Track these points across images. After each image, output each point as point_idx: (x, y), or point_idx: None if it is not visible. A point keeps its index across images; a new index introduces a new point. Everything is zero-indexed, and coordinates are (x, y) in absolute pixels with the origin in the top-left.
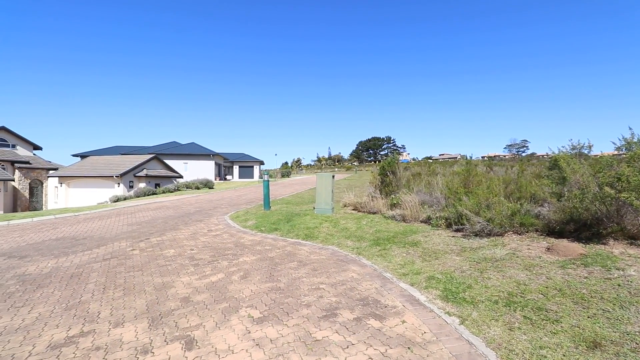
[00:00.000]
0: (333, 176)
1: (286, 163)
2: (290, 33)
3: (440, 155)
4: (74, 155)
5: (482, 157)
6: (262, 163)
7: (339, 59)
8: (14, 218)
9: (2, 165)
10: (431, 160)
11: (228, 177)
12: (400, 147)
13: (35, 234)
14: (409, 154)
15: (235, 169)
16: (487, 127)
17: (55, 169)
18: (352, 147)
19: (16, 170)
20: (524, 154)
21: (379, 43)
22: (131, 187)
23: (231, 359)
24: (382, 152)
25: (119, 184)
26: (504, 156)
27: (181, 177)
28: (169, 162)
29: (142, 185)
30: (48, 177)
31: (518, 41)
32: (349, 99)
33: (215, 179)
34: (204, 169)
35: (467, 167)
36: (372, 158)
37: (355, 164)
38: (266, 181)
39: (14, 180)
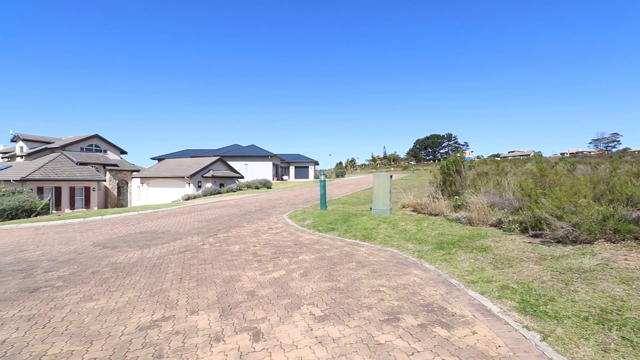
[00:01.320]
0: (391, 176)
1: (340, 163)
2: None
3: (509, 152)
4: (152, 159)
5: (562, 153)
6: (316, 163)
7: (394, 56)
8: (106, 213)
9: (96, 168)
10: (499, 158)
11: (284, 177)
12: (462, 145)
13: (123, 227)
14: (472, 151)
15: (291, 169)
16: (567, 121)
17: (138, 171)
18: (409, 145)
19: (107, 172)
20: (614, 150)
21: (439, 37)
22: (199, 186)
23: (295, 354)
24: (441, 150)
25: (189, 183)
26: (589, 152)
27: (242, 177)
28: (231, 163)
29: (208, 185)
30: (132, 178)
31: (608, 25)
32: (405, 96)
33: (273, 179)
34: (263, 170)
35: (539, 165)
36: (430, 157)
37: (412, 163)
38: (323, 181)
39: (105, 181)
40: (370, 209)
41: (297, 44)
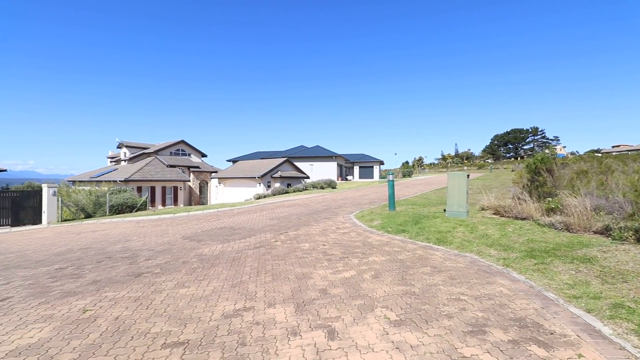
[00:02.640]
0: (468, 175)
1: (406, 162)
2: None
3: (613, 147)
4: (227, 161)
5: None
6: (381, 163)
7: (465, 48)
8: (191, 210)
9: (182, 170)
10: (599, 154)
11: (349, 177)
12: (551, 140)
13: (206, 223)
14: (564, 147)
15: (356, 169)
16: None
17: (216, 172)
18: (484, 142)
19: (191, 173)
20: None
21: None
22: (269, 186)
23: (372, 357)
24: (525, 147)
25: (259, 183)
26: None
27: (308, 177)
28: (297, 164)
29: (277, 184)
30: (211, 178)
31: None
32: (479, 90)
33: (337, 179)
34: (327, 170)
35: None
36: (511, 154)
37: (490, 161)
38: (391, 181)
39: (189, 181)
40: (444, 210)
41: (362, 42)
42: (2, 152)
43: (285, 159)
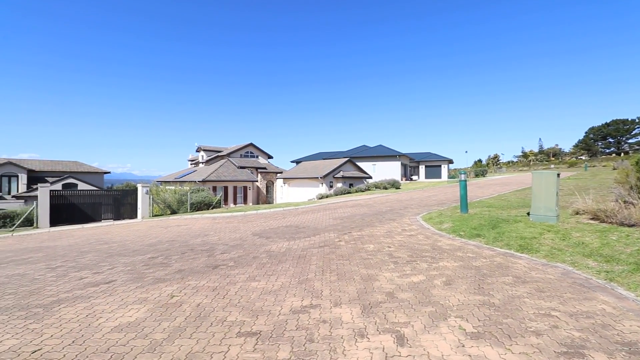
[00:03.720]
0: (558, 174)
1: (479, 161)
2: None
3: None
4: (291, 162)
5: None
6: (450, 162)
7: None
8: (259, 208)
9: (251, 171)
10: None
11: (414, 177)
12: None
13: (273, 221)
14: None
15: (421, 168)
16: None
17: (281, 172)
18: (576, 136)
19: (258, 174)
20: None
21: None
22: (331, 186)
23: None
24: (630, 140)
25: (322, 184)
26: None
27: (370, 177)
28: (359, 164)
29: (339, 185)
30: (276, 178)
31: None
32: (569, 78)
33: (401, 179)
34: (391, 170)
35: None
36: (612, 149)
37: (583, 157)
38: (463, 181)
39: (257, 181)
40: (528, 214)
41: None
42: (106, 156)
43: (347, 159)
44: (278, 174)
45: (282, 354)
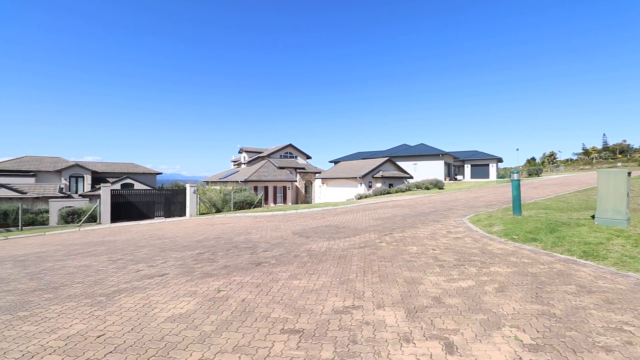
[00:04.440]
0: (629, 173)
1: (533, 159)
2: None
3: None
4: (330, 162)
5: None
6: (499, 160)
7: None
8: (298, 208)
9: (290, 171)
10: None
11: (458, 177)
12: None
13: (312, 220)
14: None
15: (467, 168)
16: None
17: (319, 173)
18: None
19: (297, 174)
20: None
21: None
22: (370, 186)
23: None
24: None
25: (361, 184)
26: None
27: (411, 177)
28: (399, 163)
29: (378, 185)
30: (315, 179)
31: None
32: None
33: (445, 179)
34: (433, 169)
35: None
36: None
37: None
38: (516, 181)
39: (296, 181)
40: (592, 217)
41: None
42: (158, 158)
43: (387, 158)
44: (316, 174)
45: (325, 354)
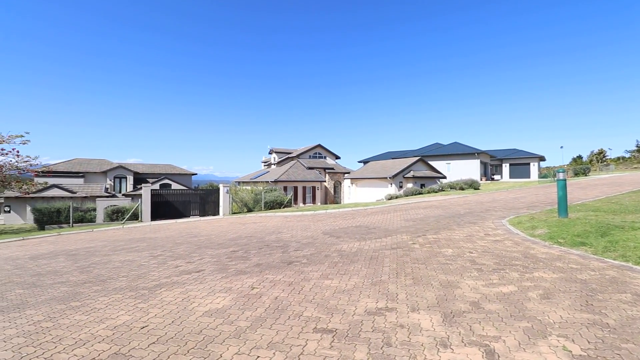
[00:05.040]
0: None
1: (579, 157)
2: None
3: None
4: (359, 162)
5: None
6: (541, 159)
7: None
8: (328, 208)
9: (319, 171)
10: None
11: (495, 177)
12: None
13: (342, 220)
14: None
15: (505, 167)
16: None
17: (348, 173)
18: None
19: (326, 174)
20: None
21: None
22: (400, 187)
23: None
24: None
25: (391, 184)
26: None
27: (444, 177)
28: (432, 163)
29: (409, 185)
30: (344, 179)
31: None
32: None
33: (481, 179)
34: (468, 169)
35: None
36: None
37: None
38: (561, 180)
39: (325, 182)
40: None
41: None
42: (193, 159)
43: (419, 158)
44: (345, 175)
45: (359, 355)
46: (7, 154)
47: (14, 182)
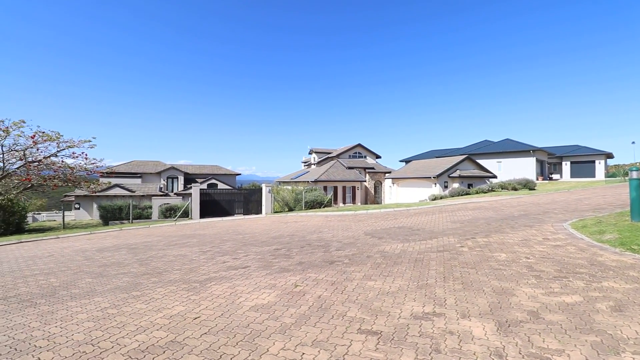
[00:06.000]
0: None
1: None
2: None
3: None
4: (400, 161)
5: None
6: (608, 156)
7: None
8: (369, 208)
9: (359, 171)
10: None
11: (554, 176)
12: None
13: (384, 221)
14: None
15: (565, 165)
16: None
17: (389, 172)
18: None
19: (366, 174)
20: None
21: None
22: (446, 187)
23: None
24: None
25: (435, 184)
26: None
27: (495, 176)
28: (480, 161)
29: (455, 185)
30: (385, 179)
31: None
32: None
33: (537, 179)
34: (522, 168)
35: None
36: None
37: None
38: (635, 180)
39: (365, 181)
40: None
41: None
42: (236, 159)
43: (466, 156)
44: (386, 174)
45: (405, 359)
46: (77, 157)
47: (83, 182)
